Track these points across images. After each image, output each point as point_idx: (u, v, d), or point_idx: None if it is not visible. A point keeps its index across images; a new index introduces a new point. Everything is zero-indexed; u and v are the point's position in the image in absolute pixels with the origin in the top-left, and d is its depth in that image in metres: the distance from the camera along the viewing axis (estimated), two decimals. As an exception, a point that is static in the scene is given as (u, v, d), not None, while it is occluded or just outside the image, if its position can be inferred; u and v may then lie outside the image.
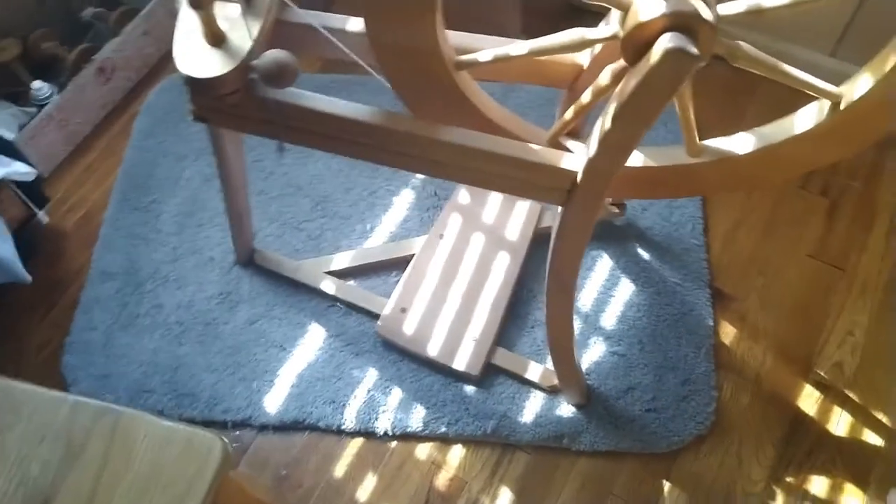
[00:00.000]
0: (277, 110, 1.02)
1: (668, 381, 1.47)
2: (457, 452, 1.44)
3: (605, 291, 1.57)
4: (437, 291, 1.54)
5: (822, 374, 1.49)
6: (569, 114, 1.09)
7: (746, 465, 1.41)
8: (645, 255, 1.61)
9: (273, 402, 1.48)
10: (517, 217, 1.60)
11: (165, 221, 1.70)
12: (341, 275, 1.60)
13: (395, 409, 1.46)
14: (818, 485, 1.39)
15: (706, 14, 0.86)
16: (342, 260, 1.60)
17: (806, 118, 1.03)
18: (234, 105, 1.01)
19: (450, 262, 1.56)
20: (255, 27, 0.97)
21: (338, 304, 1.57)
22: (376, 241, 1.64)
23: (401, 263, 1.60)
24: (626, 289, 1.58)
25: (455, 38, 1.07)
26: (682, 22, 0.86)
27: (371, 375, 1.50)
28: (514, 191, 1.10)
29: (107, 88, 1.85)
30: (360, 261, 1.60)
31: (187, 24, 0.97)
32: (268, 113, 1.03)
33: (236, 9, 0.99)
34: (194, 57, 0.95)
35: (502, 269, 1.55)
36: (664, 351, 1.50)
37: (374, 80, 1.04)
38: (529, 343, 1.52)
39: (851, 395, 1.47)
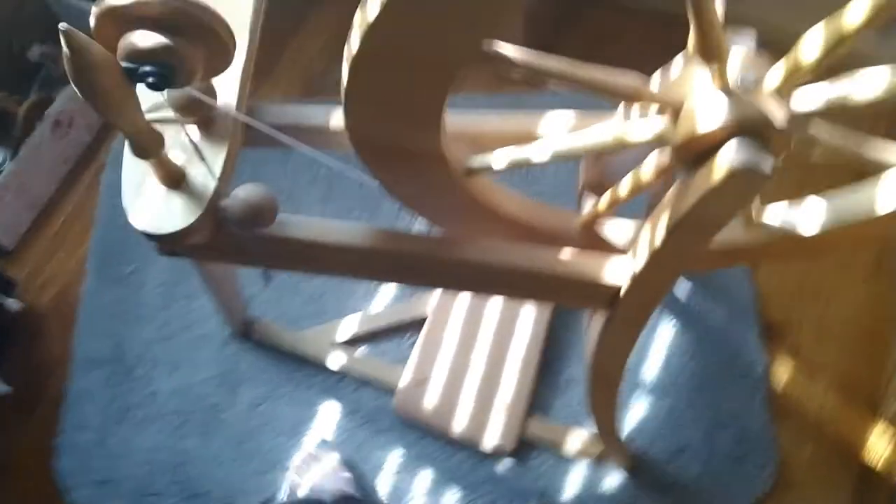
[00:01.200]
0: (258, 247, 0.84)
1: (722, 438, 1.33)
2: (498, 536, 1.32)
3: (645, 335, 1.41)
4: (457, 356, 1.38)
5: (891, 410, 1.35)
6: (602, 204, 0.91)
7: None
8: (685, 288, 1.45)
9: (290, 498, 1.34)
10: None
11: (150, 294, 1.54)
12: (349, 342, 1.44)
13: (424, 494, 1.33)
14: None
15: (778, 119, 0.69)
16: (348, 326, 1.44)
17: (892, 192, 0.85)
18: (204, 246, 0.83)
19: (468, 320, 1.40)
20: (219, 158, 0.79)
21: (347, 377, 1.42)
22: (384, 301, 1.48)
23: (414, 324, 1.44)
24: (666, 331, 1.42)
25: (456, 122, 0.88)
26: (750, 127, 0.69)
27: (395, 457, 1.36)
28: (548, 300, 0.93)
29: (66, 142, 1.66)
30: (368, 326, 1.44)
31: (134, 171, 0.78)
32: (247, 251, 0.85)
33: (193, 132, 0.80)
34: (149, 206, 0.77)
35: (528, 324, 1.39)
36: (715, 403, 1.35)
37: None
38: (564, 405, 1.37)
39: (926, 434, 1.33)
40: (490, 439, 1.32)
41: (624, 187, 0.86)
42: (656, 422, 1.35)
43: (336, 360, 1.41)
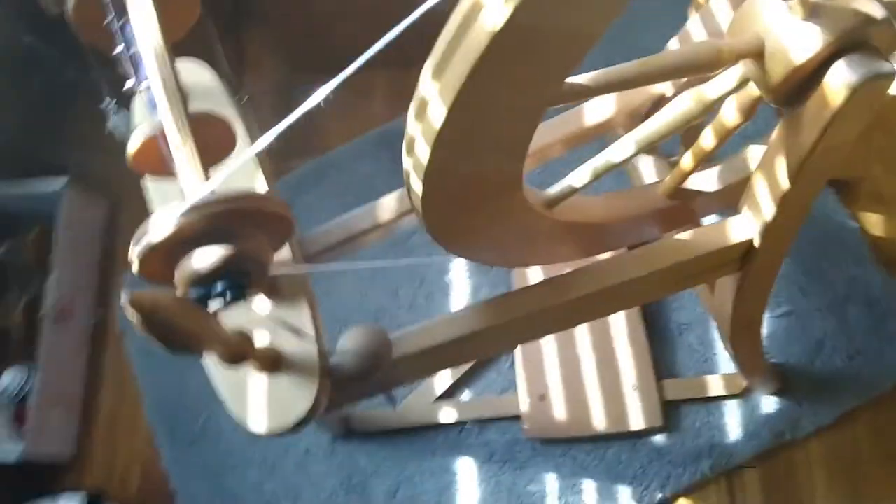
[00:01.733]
0: (378, 382, 0.76)
1: (852, 313, 1.27)
2: (684, 508, 1.26)
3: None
4: (563, 357, 1.31)
5: None
6: (687, 162, 0.83)
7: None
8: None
9: (473, 569, 1.28)
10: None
11: (231, 437, 1.45)
12: (450, 392, 1.37)
13: (596, 501, 1.27)
14: None
15: (874, 12, 0.61)
16: (442, 377, 1.36)
17: None
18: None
19: (556, 318, 1.33)
20: (303, 317, 0.70)
21: (467, 425, 1.35)
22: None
23: (504, 346, 1.36)
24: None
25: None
26: (853, 39, 0.61)
27: (550, 483, 1.29)
28: (682, 290, 0.86)
29: (74, 330, 1.55)
30: (460, 371, 1.36)
31: (229, 377, 0.69)
32: (368, 389, 0.77)
33: (264, 304, 0.71)
34: (262, 405, 0.69)
35: (615, 295, 1.32)
36: (828, 283, 1.29)
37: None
38: (687, 354, 1.31)
39: None
40: (636, 422, 1.26)
41: (707, 138, 0.78)
42: (782, 328, 1.29)
43: (448, 414, 1.34)
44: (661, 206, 0.87)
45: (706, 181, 0.88)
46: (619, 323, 1.30)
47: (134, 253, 0.52)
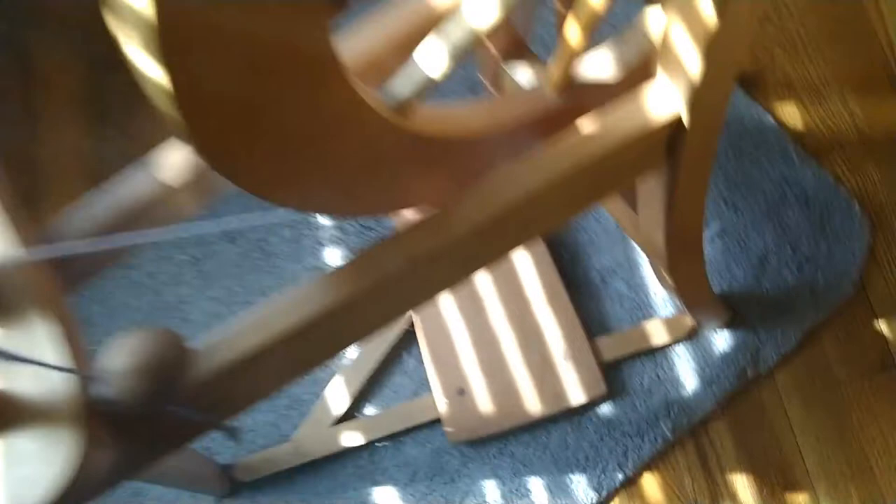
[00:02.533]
0: (192, 410, 0.50)
1: (790, 218, 1.10)
2: (651, 485, 1.05)
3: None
4: (477, 338, 1.08)
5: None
6: (573, 33, 0.61)
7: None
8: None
9: None
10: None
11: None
12: (350, 411, 1.11)
13: (554, 496, 1.05)
14: None
15: None
16: (338, 397, 1.11)
17: None
18: (115, 470, 0.49)
19: (461, 294, 1.10)
20: (45, 341, 0.44)
21: (378, 445, 1.10)
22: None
23: (406, 339, 1.12)
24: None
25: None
26: None
27: (490, 491, 1.06)
28: (603, 196, 0.64)
29: None
30: (357, 378, 1.11)
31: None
32: (179, 425, 0.52)
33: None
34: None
35: (526, 253, 1.10)
36: (758, 191, 1.11)
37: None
38: (617, 304, 1.10)
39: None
40: (576, 396, 1.04)
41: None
42: (718, 251, 1.10)
43: (352, 437, 1.09)
44: (550, 109, 0.65)
45: (601, 67, 0.66)
46: (532, 285, 1.08)
47: None
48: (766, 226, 1.10)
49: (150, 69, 0.35)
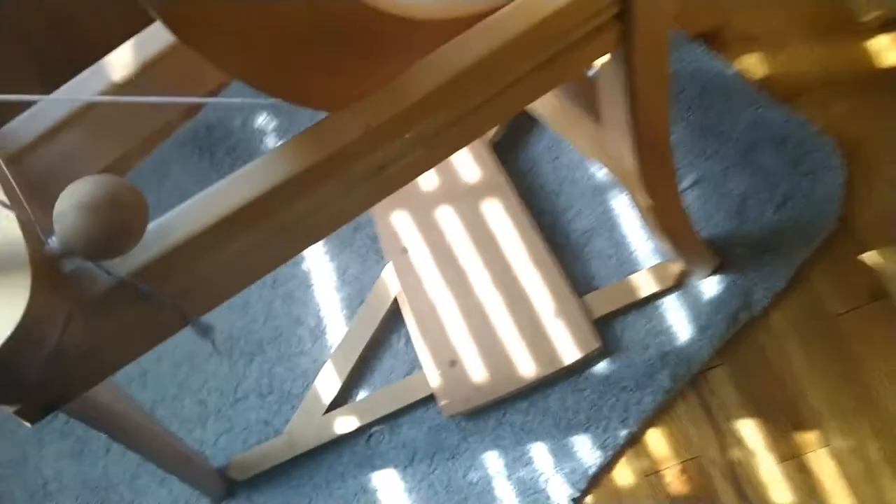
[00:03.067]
0: (149, 285, 0.49)
1: (765, 159, 1.10)
2: (657, 440, 1.02)
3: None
4: (464, 307, 1.07)
5: (868, 16, 1.17)
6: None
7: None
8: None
9: None
10: (458, 153, 1.13)
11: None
12: (343, 399, 1.09)
13: (554, 468, 1.01)
14: None
15: None
16: (328, 385, 1.08)
17: None
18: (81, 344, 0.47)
19: (444, 265, 1.09)
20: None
21: (374, 430, 1.07)
22: (338, 329, 1.12)
23: (392, 320, 1.10)
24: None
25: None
26: None
27: (492, 463, 1.03)
28: (541, 85, 0.64)
29: None
30: (346, 363, 1.09)
31: None
32: (147, 300, 0.50)
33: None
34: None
35: (504, 216, 1.09)
36: (730, 137, 1.12)
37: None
38: (601, 262, 1.09)
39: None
40: (570, 354, 1.02)
41: None
42: (698, 200, 1.09)
43: (346, 423, 1.06)
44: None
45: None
46: (515, 248, 1.08)
47: None
48: (743, 170, 1.10)
49: None
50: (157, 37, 0.55)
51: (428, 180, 1.12)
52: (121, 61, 0.53)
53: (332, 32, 0.51)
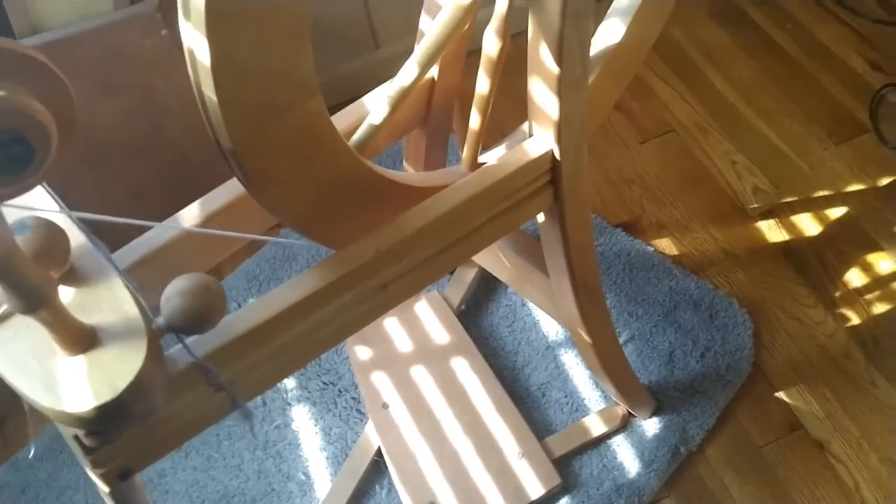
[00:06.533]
0: (214, 367, 0.65)
1: (684, 318, 1.31)
2: (620, 569, 1.12)
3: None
4: (439, 454, 1.19)
5: (754, 205, 1.46)
6: (475, 121, 0.87)
7: (805, 318, 1.31)
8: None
9: None
10: (428, 319, 1.32)
11: None
12: (331, 547, 1.17)
13: None
14: (856, 273, 1.34)
15: None
16: (316, 531, 1.18)
17: None
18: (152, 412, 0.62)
19: (420, 417, 1.23)
20: (112, 282, 0.61)
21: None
22: (325, 483, 1.23)
23: (374, 472, 1.22)
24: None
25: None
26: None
27: None
28: (502, 228, 0.85)
29: None
30: (332, 513, 1.19)
31: (25, 355, 0.57)
32: (210, 381, 0.66)
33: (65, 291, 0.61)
34: (78, 382, 0.56)
35: (471, 374, 1.26)
36: (653, 302, 1.34)
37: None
38: (557, 410, 1.25)
39: (787, 198, 1.46)
40: (534, 490, 1.15)
41: (482, 82, 0.84)
42: (632, 354, 1.29)
43: (334, 573, 1.14)
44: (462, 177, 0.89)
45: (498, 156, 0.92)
46: (482, 400, 1.23)
47: None
48: (667, 328, 1.31)
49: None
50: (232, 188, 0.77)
51: (404, 343, 1.29)
52: (215, 199, 0.74)
53: (355, 191, 0.73)
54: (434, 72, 0.93)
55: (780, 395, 1.24)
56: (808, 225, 1.42)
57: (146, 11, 1.29)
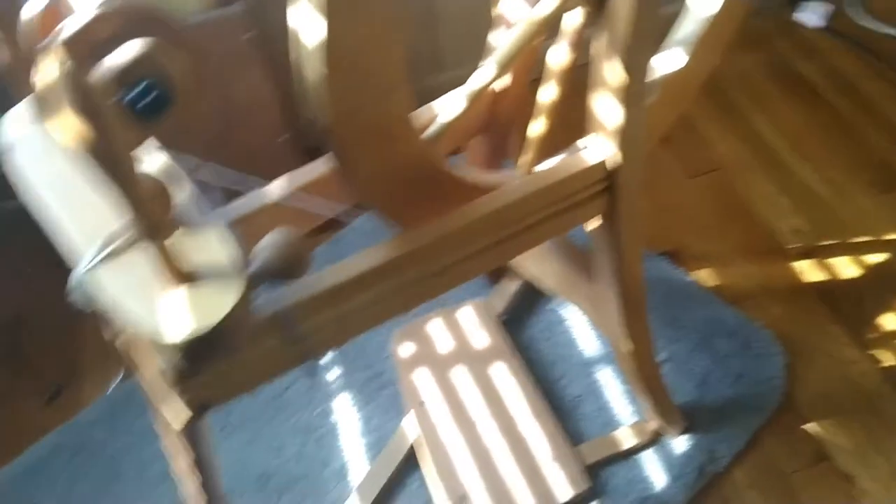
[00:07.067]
0: (294, 318, 0.71)
1: (719, 345, 1.35)
2: (641, 578, 1.15)
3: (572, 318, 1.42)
4: (474, 451, 1.24)
5: (792, 245, 1.50)
6: (538, 128, 0.94)
7: (838, 355, 1.34)
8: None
9: None
10: (471, 324, 1.38)
11: None
12: (362, 531, 1.22)
13: None
14: (891, 317, 1.37)
15: None
16: (350, 515, 1.22)
17: None
18: (237, 352, 0.69)
19: (457, 415, 1.28)
20: (217, 228, 0.68)
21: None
22: (360, 471, 1.29)
23: (408, 465, 1.27)
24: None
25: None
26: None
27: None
28: (556, 228, 0.91)
29: None
30: (368, 499, 1.23)
31: (135, 285, 0.64)
32: (287, 331, 0.72)
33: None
34: (173, 315, 0.62)
35: (509, 378, 1.31)
36: (691, 328, 1.38)
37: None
38: (589, 422, 1.30)
39: (825, 241, 1.50)
40: (564, 493, 1.19)
41: (550, 91, 0.91)
42: (666, 375, 1.32)
43: (364, 556, 1.18)
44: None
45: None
46: (518, 404, 1.28)
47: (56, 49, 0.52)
48: (702, 353, 1.35)
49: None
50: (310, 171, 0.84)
51: (446, 345, 1.35)
52: (298, 177, 0.82)
53: (424, 179, 0.79)
54: (500, 83, 1.00)
55: (810, 426, 1.27)
56: (846, 268, 1.45)
57: (232, 14, 1.39)
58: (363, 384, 1.38)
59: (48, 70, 0.51)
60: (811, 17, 1.87)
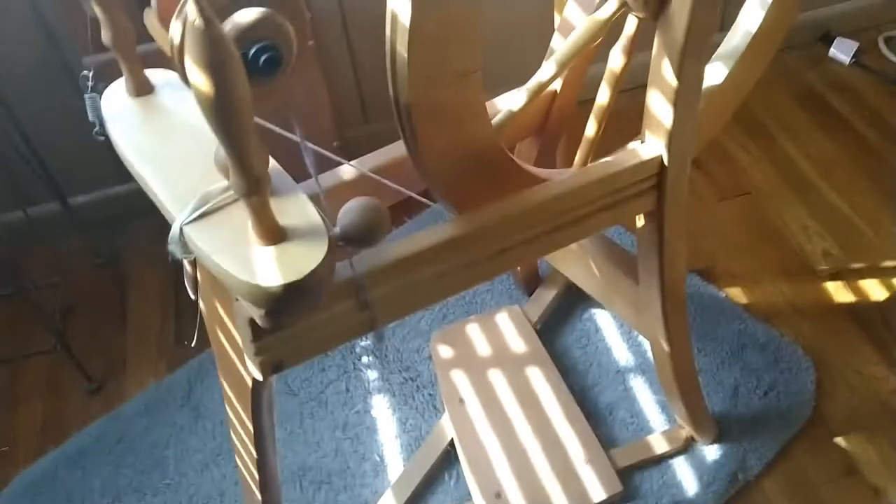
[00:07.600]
0: (366, 284, 0.76)
1: (750, 358, 1.39)
2: (672, 581, 1.17)
3: (607, 329, 1.45)
4: (509, 450, 1.27)
5: (822, 267, 1.53)
6: (591, 130, 0.99)
7: (868, 373, 1.37)
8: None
9: None
10: (508, 329, 1.42)
11: None
12: (399, 525, 1.25)
13: None
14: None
15: None
16: (387, 508, 1.25)
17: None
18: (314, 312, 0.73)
19: (493, 415, 1.31)
20: (304, 200, 0.73)
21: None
22: (397, 468, 1.32)
23: (445, 462, 1.30)
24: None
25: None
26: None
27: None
28: (607, 220, 0.96)
29: None
30: (402, 498, 1.26)
31: (230, 240, 0.69)
32: (361, 296, 0.77)
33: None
34: (270, 262, 0.67)
35: (544, 382, 1.34)
36: (722, 341, 1.42)
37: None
38: (622, 428, 1.32)
39: (854, 264, 1.54)
40: (597, 494, 1.21)
41: (603, 93, 0.96)
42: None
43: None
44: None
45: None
46: (553, 407, 1.31)
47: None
48: (733, 366, 1.38)
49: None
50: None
51: (483, 347, 1.39)
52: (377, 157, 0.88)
53: (488, 165, 0.85)
54: (555, 86, 1.06)
55: (839, 440, 1.29)
56: (875, 290, 1.49)
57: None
58: (400, 386, 1.41)
59: (181, 26, 0.56)
60: (843, 53, 1.95)
